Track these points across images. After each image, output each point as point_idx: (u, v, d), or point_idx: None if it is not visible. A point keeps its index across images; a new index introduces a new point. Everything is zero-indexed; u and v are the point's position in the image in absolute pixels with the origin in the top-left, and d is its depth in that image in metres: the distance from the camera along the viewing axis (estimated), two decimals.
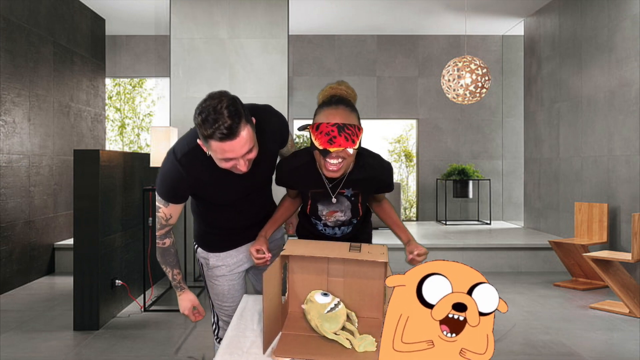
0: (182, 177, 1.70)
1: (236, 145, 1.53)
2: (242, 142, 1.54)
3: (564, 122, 5.84)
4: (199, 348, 3.22)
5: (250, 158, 1.61)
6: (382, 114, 7.82)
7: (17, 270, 4.69)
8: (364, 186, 1.79)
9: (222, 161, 1.59)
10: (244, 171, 1.62)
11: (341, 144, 1.56)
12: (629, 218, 4.63)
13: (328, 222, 1.88)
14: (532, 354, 3.14)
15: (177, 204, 1.78)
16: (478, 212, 7.76)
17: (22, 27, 4.86)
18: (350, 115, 1.61)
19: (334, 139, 1.55)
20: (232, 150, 1.54)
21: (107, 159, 3.73)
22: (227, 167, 1.61)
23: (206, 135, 1.53)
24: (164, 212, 1.79)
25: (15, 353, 3.13)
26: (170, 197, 1.75)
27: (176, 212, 1.81)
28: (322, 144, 1.57)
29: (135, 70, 7.74)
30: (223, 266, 1.98)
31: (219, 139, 1.51)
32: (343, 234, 1.94)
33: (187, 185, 1.72)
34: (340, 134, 1.55)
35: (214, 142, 1.53)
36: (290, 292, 1.63)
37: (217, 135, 1.51)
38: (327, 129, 1.56)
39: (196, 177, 1.71)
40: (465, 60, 5.05)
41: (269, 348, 1.37)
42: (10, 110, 4.64)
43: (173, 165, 1.70)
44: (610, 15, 4.97)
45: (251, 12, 5.41)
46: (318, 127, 1.58)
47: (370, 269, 1.58)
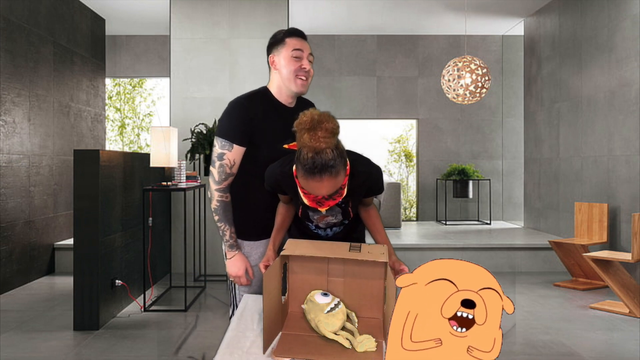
0: (244, 107, 1.92)
1: (305, 43, 1.97)
2: (308, 46, 1.99)
3: (564, 122, 5.84)
4: (199, 348, 3.22)
5: (310, 70, 1.97)
6: (382, 114, 7.82)
7: (17, 270, 4.70)
8: (355, 193, 1.77)
9: (292, 59, 1.94)
10: (308, 69, 1.95)
11: (330, 205, 1.59)
12: (629, 218, 4.63)
13: (320, 224, 1.89)
14: (532, 354, 3.14)
15: (240, 146, 1.91)
16: (478, 212, 7.76)
17: (22, 27, 4.86)
18: (335, 180, 1.53)
19: (322, 203, 1.58)
20: (302, 44, 1.95)
21: (107, 159, 3.73)
22: (295, 68, 1.93)
23: (283, 34, 1.96)
24: (229, 158, 1.91)
25: (15, 353, 3.13)
26: (235, 133, 1.89)
27: (238, 158, 1.93)
28: (311, 204, 1.59)
29: (135, 70, 7.74)
30: (257, 256, 1.99)
31: (291, 33, 1.96)
32: (335, 233, 1.94)
33: (249, 117, 1.90)
34: (327, 199, 1.57)
35: (288, 38, 1.95)
36: (290, 292, 1.63)
37: (292, 30, 1.97)
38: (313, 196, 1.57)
39: (255, 112, 1.92)
40: (465, 60, 5.05)
41: (269, 348, 1.37)
42: (10, 110, 4.64)
43: (237, 101, 1.95)
44: (610, 15, 4.97)
45: (251, 12, 5.41)
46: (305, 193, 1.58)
47: (370, 269, 1.58)
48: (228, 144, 1.89)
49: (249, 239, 2.00)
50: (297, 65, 1.93)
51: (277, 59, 1.97)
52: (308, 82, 1.98)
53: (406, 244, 5.51)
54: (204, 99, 5.42)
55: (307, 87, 1.98)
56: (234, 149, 1.89)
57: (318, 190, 1.54)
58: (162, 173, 4.98)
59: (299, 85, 1.96)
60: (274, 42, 1.98)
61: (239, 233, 2.01)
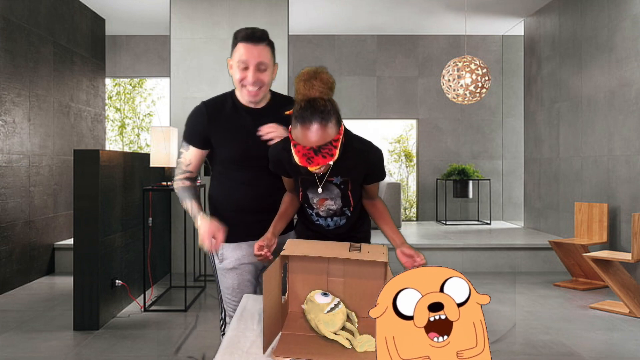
0: (202, 112, 1.95)
1: (254, 50, 1.83)
2: (260, 51, 1.84)
3: (564, 122, 5.84)
4: (199, 348, 3.22)
5: (261, 78, 1.86)
6: (382, 114, 7.82)
7: (17, 270, 4.70)
8: (352, 173, 1.77)
9: (237, 69, 1.86)
10: (251, 82, 1.84)
11: (319, 163, 1.58)
12: (629, 218, 4.63)
13: (320, 212, 1.87)
14: (532, 354, 3.14)
15: (197, 148, 1.96)
16: (478, 212, 7.76)
17: (22, 27, 4.86)
18: (325, 131, 1.55)
19: (311, 159, 1.57)
20: (248, 54, 1.83)
21: (107, 159, 3.73)
22: (239, 78, 1.86)
23: (235, 36, 1.87)
24: (184, 157, 1.99)
25: (15, 353, 3.13)
26: (191, 136, 1.96)
27: (195, 160, 1.98)
28: (301, 162, 1.59)
29: (135, 70, 7.74)
30: (233, 259, 1.98)
31: (242, 37, 1.84)
32: (337, 225, 1.91)
33: (206, 121, 1.93)
34: (317, 154, 1.56)
35: (239, 43, 1.85)
36: (290, 292, 1.63)
37: (242, 33, 1.84)
38: (304, 150, 1.57)
39: (214, 116, 1.94)
40: (465, 60, 5.05)
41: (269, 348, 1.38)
42: (10, 110, 4.64)
43: (197, 107, 1.99)
44: (610, 15, 4.97)
45: (251, 12, 5.41)
46: (296, 144, 1.59)
47: (370, 269, 1.58)
48: (185, 144, 1.99)
49: (227, 241, 1.97)
50: (242, 76, 1.87)
51: (231, 64, 1.93)
52: (260, 91, 1.89)
53: None
54: (204, 99, 5.41)
55: (258, 97, 1.90)
56: (189, 150, 1.98)
57: (307, 139, 1.55)
58: (162, 173, 4.98)
59: (244, 94, 1.90)
60: (232, 44, 1.92)
61: None
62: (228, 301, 2.04)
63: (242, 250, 1.99)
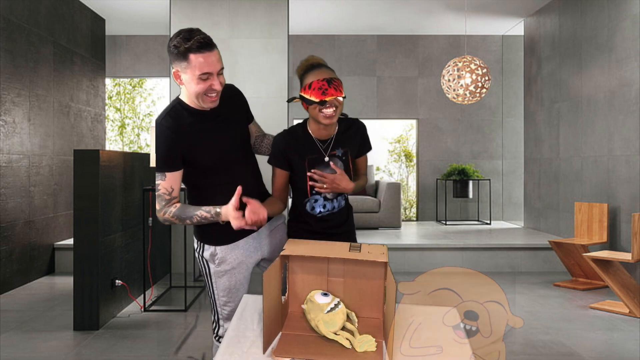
0: (170, 134, 1.82)
1: (213, 57, 1.74)
2: (217, 57, 1.77)
3: (564, 122, 5.84)
4: (199, 348, 3.22)
5: (222, 82, 1.80)
6: (382, 114, 7.82)
7: (17, 270, 4.70)
8: (350, 142, 2.05)
9: (199, 80, 1.74)
10: (219, 90, 1.79)
11: (333, 94, 1.86)
12: (629, 218, 4.63)
13: (328, 195, 2.02)
14: (532, 354, 3.14)
15: (174, 171, 1.85)
16: (478, 212, 7.76)
17: (22, 27, 4.86)
18: (333, 73, 1.92)
19: (326, 91, 1.85)
20: (209, 64, 1.73)
21: (107, 159, 3.73)
22: (203, 90, 1.76)
23: (185, 48, 1.70)
24: (164, 187, 1.86)
25: (15, 353, 3.13)
26: (165, 162, 1.83)
27: (176, 183, 1.87)
28: (318, 96, 1.85)
29: (135, 70, 7.74)
30: (232, 259, 1.98)
31: (196, 48, 1.70)
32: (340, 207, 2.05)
33: (176, 142, 1.82)
34: (330, 85, 1.86)
35: (193, 55, 1.71)
36: (290, 292, 1.63)
37: (195, 45, 1.70)
38: (319, 84, 1.86)
39: (182, 132, 1.83)
40: (465, 60, 5.05)
41: (269, 348, 1.38)
42: (10, 110, 4.64)
43: (160, 127, 1.83)
44: (610, 15, 4.97)
45: (251, 12, 5.41)
46: (310, 85, 1.87)
47: (370, 269, 1.58)
48: (160, 174, 1.85)
49: (221, 244, 1.97)
50: (207, 86, 1.77)
51: (182, 76, 1.79)
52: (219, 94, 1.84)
53: (406, 244, 5.51)
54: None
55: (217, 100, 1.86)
56: (166, 178, 1.85)
57: (320, 75, 1.88)
58: None
59: (208, 102, 1.83)
60: (176, 55, 1.74)
61: (213, 239, 1.97)
62: (222, 304, 2.04)
63: (239, 249, 2.00)
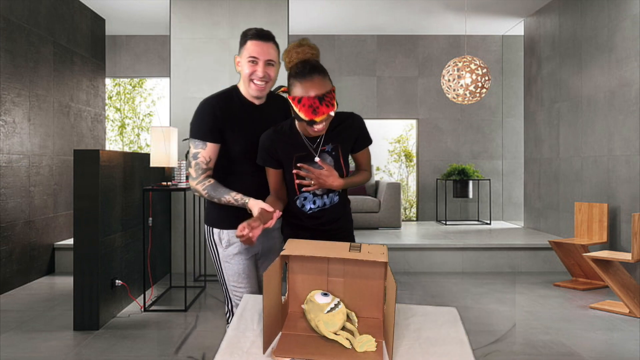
0: (214, 106, 1.98)
1: (265, 47, 1.94)
2: (271, 49, 1.96)
3: (564, 122, 5.84)
4: (199, 348, 3.22)
5: (269, 73, 1.96)
6: (382, 114, 7.82)
7: (17, 270, 4.70)
8: (341, 138, 1.95)
9: (248, 63, 1.94)
10: (260, 75, 1.94)
11: (324, 112, 1.75)
12: (629, 218, 4.63)
13: (317, 191, 1.95)
14: (532, 354, 3.14)
15: (214, 143, 1.97)
16: (478, 212, 7.76)
17: (22, 27, 4.86)
18: (324, 82, 1.78)
19: (317, 109, 1.74)
20: (259, 51, 1.93)
21: (107, 159, 3.73)
22: (249, 72, 1.94)
23: (246, 35, 1.96)
24: (203, 156, 1.98)
25: (15, 353, 3.13)
26: (209, 133, 1.96)
27: (214, 156, 1.99)
28: (308, 115, 1.75)
29: (135, 70, 7.74)
30: (237, 242, 2.03)
31: (253, 35, 1.94)
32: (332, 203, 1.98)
33: (219, 114, 1.97)
34: (321, 103, 1.74)
35: (250, 41, 1.94)
36: (290, 292, 1.63)
37: (253, 31, 1.95)
38: (310, 102, 1.74)
39: (225, 110, 1.98)
40: (465, 60, 5.05)
41: (269, 348, 1.38)
42: (10, 110, 4.64)
43: (206, 102, 2.01)
44: (610, 15, 4.97)
45: (251, 12, 5.41)
46: (300, 100, 1.76)
47: (370, 269, 1.58)
48: (201, 143, 1.98)
49: (230, 228, 2.03)
50: (252, 70, 1.96)
51: (239, 60, 2.02)
52: (267, 86, 2.00)
53: (406, 244, 5.51)
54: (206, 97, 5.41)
55: (264, 91, 2.01)
56: (207, 147, 1.98)
57: (311, 90, 1.75)
58: (162, 173, 4.98)
59: (253, 89, 1.99)
60: (240, 43, 2.02)
61: (219, 222, 2.06)
62: (234, 289, 2.05)
63: None
